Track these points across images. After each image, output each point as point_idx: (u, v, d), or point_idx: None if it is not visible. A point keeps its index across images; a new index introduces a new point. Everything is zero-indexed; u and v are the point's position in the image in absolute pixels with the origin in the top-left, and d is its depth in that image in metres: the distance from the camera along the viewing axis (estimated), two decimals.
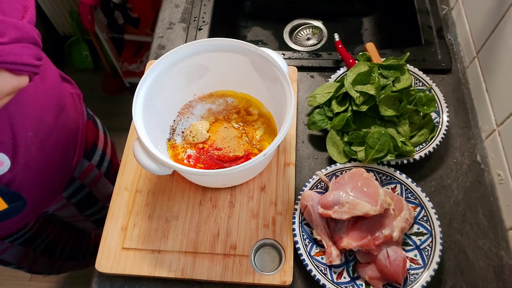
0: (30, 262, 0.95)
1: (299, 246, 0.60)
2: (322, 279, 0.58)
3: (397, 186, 0.66)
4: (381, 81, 0.68)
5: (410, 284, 0.58)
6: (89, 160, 0.85)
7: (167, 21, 0.93)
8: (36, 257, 0.94)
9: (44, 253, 0.96)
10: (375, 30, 1.05)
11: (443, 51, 0.83)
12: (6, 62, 0.46)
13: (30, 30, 0.49)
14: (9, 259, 0.89)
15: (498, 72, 0.69)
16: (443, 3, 0.91)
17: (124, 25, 1.69)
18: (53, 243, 0.97)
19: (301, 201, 0.63)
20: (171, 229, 0.65)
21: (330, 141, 0.70)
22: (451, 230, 0.66)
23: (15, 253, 0.88)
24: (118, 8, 1.62)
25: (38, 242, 0.90)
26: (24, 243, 0.86)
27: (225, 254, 0.62)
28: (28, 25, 0.50)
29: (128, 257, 0.63)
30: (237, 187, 0.68)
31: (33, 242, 0.88)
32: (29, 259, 0.93)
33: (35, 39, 0.50)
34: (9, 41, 0.47)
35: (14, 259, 0.90)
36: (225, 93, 0.75)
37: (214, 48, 0.66)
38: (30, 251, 0.91)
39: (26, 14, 0.51)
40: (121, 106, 1.92)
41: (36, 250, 0.92)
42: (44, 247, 0.94)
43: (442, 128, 0.69)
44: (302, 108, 0.79)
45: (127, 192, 0.68)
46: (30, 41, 0.49)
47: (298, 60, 0.84)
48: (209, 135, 0.71)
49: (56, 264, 1.03)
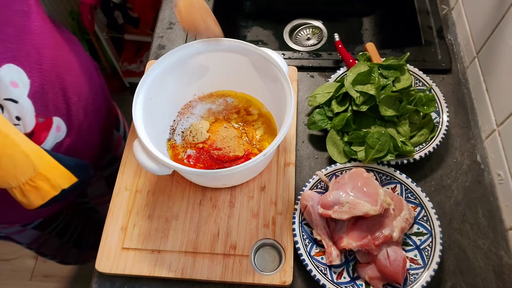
0: (63, 253, 0.99)
1: (299, 246, 0.60)
2: (322, 279, 0.58)
3: (397, 186, 0.66)
4: (381, 81, 0.68)
5: (410, 284, 0.58)
6: (117, 131, 0.88)
7: (167, 21, 0.93)
8: (68, 249, 0.98)
9: (75, 244, 0.99)
10: (375, 30, 1.05)
11: (443, 51, 0.83)
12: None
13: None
14: (47, 251, 0.94)
15: (498, 72, 0.69)
16: (443, 3, 0.91)
17: (124, 25, 1.69)
18: (81, 234, 0.99)
19: (301, 201, 0.63)
20: (171, 229, 0.65)
21: (330, 141, 0.70)
22: (451, 230, 0.66)
23: (51, 244, 0.91)
24: (118, 8, 1.62)
25: (70, 232, 0.93)
26: (59, 234, 0.89)
27: (225, 254, 0.62)
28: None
29: (128, 257, 0.63)
30: (237, 187, 0.68)
31: (65, 232, 0.91)
32: (63, 250, 0.97)
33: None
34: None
35: (50, 251, 0.95)
36: (225, 93, 0.75)
37: (214, 48, 0.67)
38: (64, 243, 0.94)
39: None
40: (121, 106, 1.91)
41: (68, 241, 0.95)
42: (75, 238, 0.97)
43: (442, 128, 0.69)
44: (302, 108, 0.79)
45: (127, 192, 0.68)
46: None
47: (298, 60, 0.84)
48: (209, 135, 0.71)
49: (82, 254, 1.07)
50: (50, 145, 0.64)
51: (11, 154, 0.52)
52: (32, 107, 0.58)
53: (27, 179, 0.55)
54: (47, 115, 0.62)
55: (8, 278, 1.54)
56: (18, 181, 0.54)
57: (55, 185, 0.58)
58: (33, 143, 0.57)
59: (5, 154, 0.52)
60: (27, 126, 0.59)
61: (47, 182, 0.57)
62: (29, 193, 0.56)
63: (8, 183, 0.54)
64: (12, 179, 0.54)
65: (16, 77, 0.55)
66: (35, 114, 0.59)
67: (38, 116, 0.60)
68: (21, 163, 0.54)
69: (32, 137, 0.60)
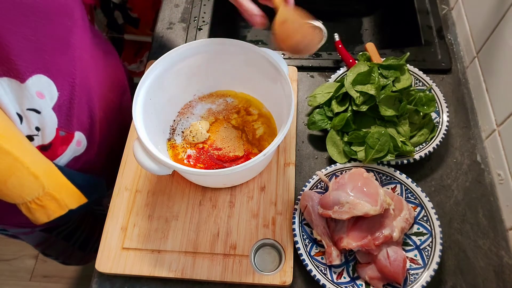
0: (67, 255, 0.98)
1: (299, 246, 0.60)
2: (322, 279, 0.58)
3: (397, 186, 0.66)
4: (381, 81, 0.68)
5: (410, 284, 0.58)
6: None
7: (167, 21, 0.93)
8: (73, 251, 0.98)
9: (80, 247, 0.99)
10: (375, 30, 1.05)
11: (443, 51, 0.83)
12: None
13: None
14: (51, 252, 0.93)
15: (498, 72, 0.69)
16: (443, 3, 0.91)
17: (124, 25, 1.69)
18: (88, 238, 0.99)
19: (301, 201, 0.63)
20: (171, 229, 0.65)
21: (330, 141, 0.70)
22: (451, 230, 0.66)
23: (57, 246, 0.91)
24: (118, 8, 1.62)
25: (77, 236, 0.93)
26: (66, 237, 0.88)
27: (225, 254, 0.62)
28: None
29: (128, 257, 0.63)
30: (237, 187, 0.68)
31: (73, 236, 0.91)
32: (67, 252, 0.97)
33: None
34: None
35: (54, 253, 0.94)
36: (225, 93, 0.75)
37: (214, 48, 0.67)
38: (70, 245, 0.94)
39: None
40: None
41: (74, 244, 0.95)
42: (81, 241, 0.97)
43: (442, 128, 0.69)
44: (302, 108, 0.79)
45: (127, 192, 0.68)
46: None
47: (298, 60, 0.84)
48: (209, 135, 0.71)
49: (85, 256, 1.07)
50: (67, 159, 0.63)
51: (19, 175, 0.52)
52: (55, 120, 0.58)
53: (34, 198, 0.55)
54: (70, 130, 0.61)
55: (8, 278, 1.54)
56: (24, 200, 0.55)
57: (63, 205, 0.58)
58: (47, 160, 0.57)
59: (13, 175, 0.52)
60: (46, 137, 0.58)
61: (55, 202, 0.57)
62: (35, 211, 0.56)
63: (13, 201, 0.55)
64: (18, 198, 0.54)
65: (45, 88, 0.54)
66: (57, 127, 0.58)
67: (60, 129, 0.59)
68: (28, 184, 0.54)
69: (49, 149, 0.59)
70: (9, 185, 0.52)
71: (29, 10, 0.48)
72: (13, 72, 0.49)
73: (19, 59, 0.49)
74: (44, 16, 0.50)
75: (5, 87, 0.50)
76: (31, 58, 0.51)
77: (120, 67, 0.79)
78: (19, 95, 0.51)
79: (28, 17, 0.48)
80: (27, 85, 0.51)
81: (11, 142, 0.51)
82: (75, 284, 1.52)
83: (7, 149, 0.50)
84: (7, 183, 0.52)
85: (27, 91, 0.52)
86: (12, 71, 0.49)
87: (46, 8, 0.50)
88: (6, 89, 0.50)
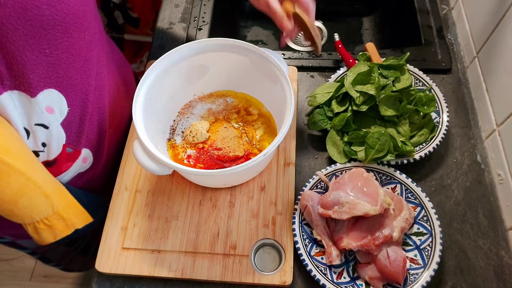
0: (68, 261, 0.97)
1: (299, 246, 0.60)
2: (322, 279, 0.58)
3: (397, 186, 0.65)
4: (381, 81, 0.68)
5: (410, 284, 0.58)
6: None
7: (167, 21, 0.93)
8: (74, 256, 0.96)
9: (82, 252, 0.97)
10: (375, 30, 1.05)
11: (443, 51, 0.82)
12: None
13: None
14: (52, 257, 0.91)
15: (498, 72, 0.69)
16: (443, 3, 0.91)
17: (124, 25, 1.69)
18: (90, 242, 0.98)
19: (301, 201, 0.63)
20: (171, 229, 0.65)
21: (330, 141, 0.70)
22: (451, 230, 0.65)
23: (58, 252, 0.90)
24: (118, 8, 1.62)
25: (79, 241, 0.92)
26: (68, 243, 0.87)
27: (225, 254, 0.62)
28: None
29: (128, 257, 0.63)
30: (237, 187, 0.68)
31: (75, 241, 0.90)
32: (68, 258, 0.95)
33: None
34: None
35: (56, 258, 0.92)
36: (225, 93, 0.75)
37: (214, 48, 0.66)
38: (71, 250, 0.92)
39: None
40: None
41: (76, 249, 0.93)
42: (83, 246, 0.96)
43: (442, 128, 0.69)
44: (302, 108, 0.79)
45: (127, 192, 0.68)
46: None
47: (298, 60, 0.84)
48: (209, 135, 0.71)
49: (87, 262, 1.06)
50: (71, 175, 0.62)
51: (31, 195, 0.51)
52: (63, 136, 0.56)
53: (43, 218, 0.54)
54: (77, 147, 0.60)
55: (8, 278, 1.54)
56: (33, 220, 0.54)
57: (69, 224, 0.57)
58: (55, 180, 0.56)
59: (25, 195, 0.50)
60: (51, 153, 0.56)
61: (62, 222, 0.56)
62: (42, 231, 0.55)
63: (22, 221, 0.54)
64: (27, 218, 0.53)
65: (55, 103, 0.53)
66: (64, 143, 0.57)
67: (68, 145, 0.58)
68: (38, 204, 0.53)
69: (54, 165, 0.58)
70: (20, 205, 0.51)
71: (48, 23, 0.46)
72: (25, 86, 0.48)
73: (32, 73, 0.48)
74: (62, 29, 0.49)
75: (15, 101, 0.48)
76: (45, 72, 0.49)
77: (132, 79, 0.77)
78: (28, 110, 0.50)
79: (47, 30, 0.47)
80: (37, 99, 0.50)
81: (25, 162, 0.50)
82: (75, 284, 1.52)
83: (21, 169, 0.49)
84: (18, 204, 0.50)
85: (36, 106, 0.50)
86: (23, 84, 0.48)
87: (64, 21, 0.48)
88: (16, 103, 0.49)
